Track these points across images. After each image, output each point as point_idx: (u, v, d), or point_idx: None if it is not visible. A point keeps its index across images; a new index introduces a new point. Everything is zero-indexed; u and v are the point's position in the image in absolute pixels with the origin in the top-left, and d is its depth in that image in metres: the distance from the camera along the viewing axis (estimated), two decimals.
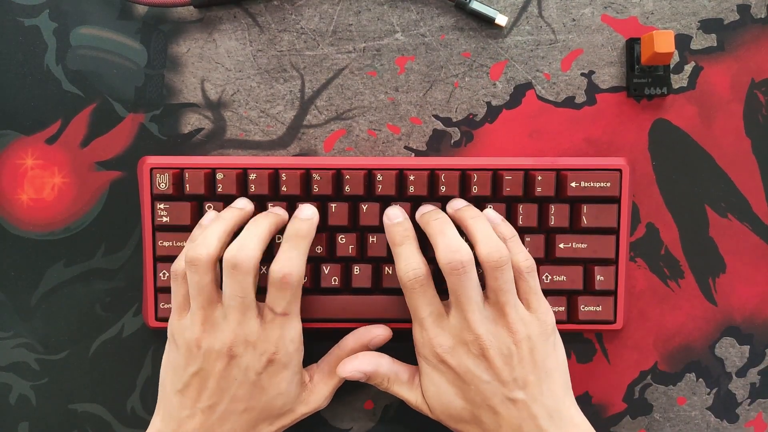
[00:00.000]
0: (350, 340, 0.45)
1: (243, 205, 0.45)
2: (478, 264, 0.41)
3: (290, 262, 0.41)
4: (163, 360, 0.44)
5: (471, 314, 0.41)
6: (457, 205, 0.45)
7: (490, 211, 0.45)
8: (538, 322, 0.42)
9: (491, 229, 0.42)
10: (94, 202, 0.48)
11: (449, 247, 0.41)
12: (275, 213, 0.44)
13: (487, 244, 0.41)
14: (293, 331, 0.42)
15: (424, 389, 0.43)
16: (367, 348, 0.45)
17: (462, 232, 0.43)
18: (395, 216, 0.44)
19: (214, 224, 0.43)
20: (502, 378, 0.40)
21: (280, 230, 0.44)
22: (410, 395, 0.44)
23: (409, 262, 0.42)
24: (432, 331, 0.42)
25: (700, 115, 0.48)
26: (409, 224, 0.44)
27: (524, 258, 0.42)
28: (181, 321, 0.42)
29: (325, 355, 0.46)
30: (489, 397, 0.41)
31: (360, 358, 0.44)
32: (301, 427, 0.48)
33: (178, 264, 0.43)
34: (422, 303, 0.42)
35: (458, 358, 0.41)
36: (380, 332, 0.45)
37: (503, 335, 0.41)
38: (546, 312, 0.42)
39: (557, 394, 0.41)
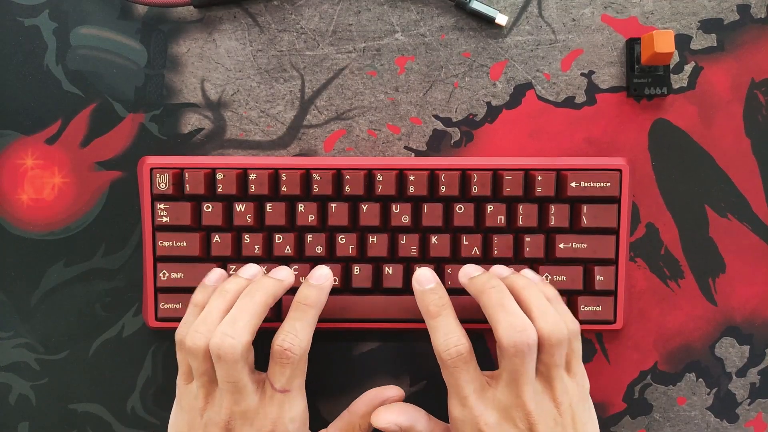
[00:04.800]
0: (362, 404, 0.43)
1: (250, 274, 0.43)
2: None
3: (293, 335, 0.39)
4: (171, 417, 0.43)
5: (526, 393, 0.38)
6: (503, 272, 0.43)
7: (528, 272, 0.44)
8: (578, 388, 0.40)
9: (547, 302, 0.40)
10: (94, 202, 0.48)
11: (514, 326, 0.38)
12: (275, 279, 0.42)
13: (548, 320, 0.39)
14: (295, 409, 0.40)
15: None
16: None
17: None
18: (427, 281, 0.41)
19: (214, 301, 0.41)
20: None
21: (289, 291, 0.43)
22: None
23: (449, 338, 0.39)
24: (477, 408, 0.39)
25: (700, 115, 0.48)
26: (443, 291, 0.41)
27: (571, 320, 0.41)
28: (187, 386, 0.41)
29: (334, 421, 0.44)
30: None
31: (397, 409, 0.42)
32: None
33: (181, 333, 0.41)
34: (465, 380, 0.39)
35: (502, 430, 0.39)
36: (393, 394, 0.43)
37: (549, 407, 0.39)
38: (583, 376, 0.41)
39: None
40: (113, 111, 0.48)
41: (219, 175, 0.45)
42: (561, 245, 0.46)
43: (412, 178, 0.45)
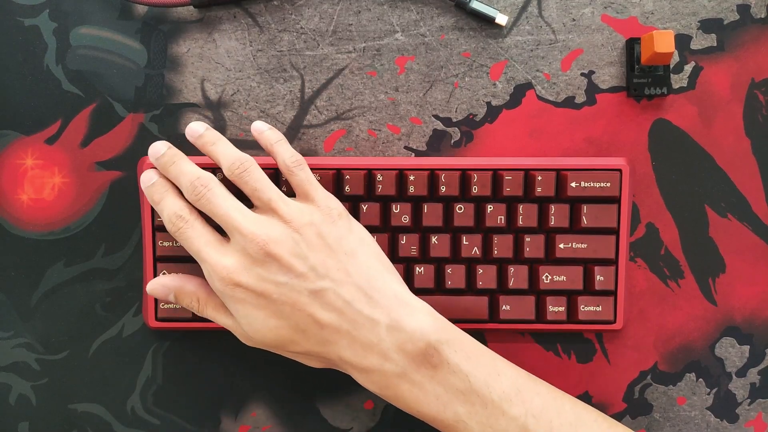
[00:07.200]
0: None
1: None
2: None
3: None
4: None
5: (237, 222, 0.39)
6: (198, 130, 0.43)
7: (257, 123, 0.44)
8: (318, 210, 0.41)
9: (230, 146, 0.42)
10: (94, 202, 0.48)
11: (192, 174, 0.41)
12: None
13: (227, 159, 0.41)
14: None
15: (240, 324, 0.41)
16: None
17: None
18: (149, 179, 0.42)
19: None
20: (298, 271, 0.39)
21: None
22: (227, 320, 0.42)
23: (171, 211, 0.41)
24: (214, 257, 0.40)
25: (700, 115, 0.48)
26: (164, 179, 0.42)
27: (290, 155, 0.42)
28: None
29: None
30: (295, 300, 0.39)
31: (168, 275, 0.43)
32: (302, 427, 0.48)
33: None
34: (193, 236, 0.40)
35: (248, 271, 0.39)
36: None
37: (280, 228, 0.39)
38: (326, 199, 0.42)
39: (370, 274, 0.40)
40: (113, 111, 0.48)
41: (219, 176, 0.45)
42: (561, 245, 0.46)
43: (412, 178, 0.45)
